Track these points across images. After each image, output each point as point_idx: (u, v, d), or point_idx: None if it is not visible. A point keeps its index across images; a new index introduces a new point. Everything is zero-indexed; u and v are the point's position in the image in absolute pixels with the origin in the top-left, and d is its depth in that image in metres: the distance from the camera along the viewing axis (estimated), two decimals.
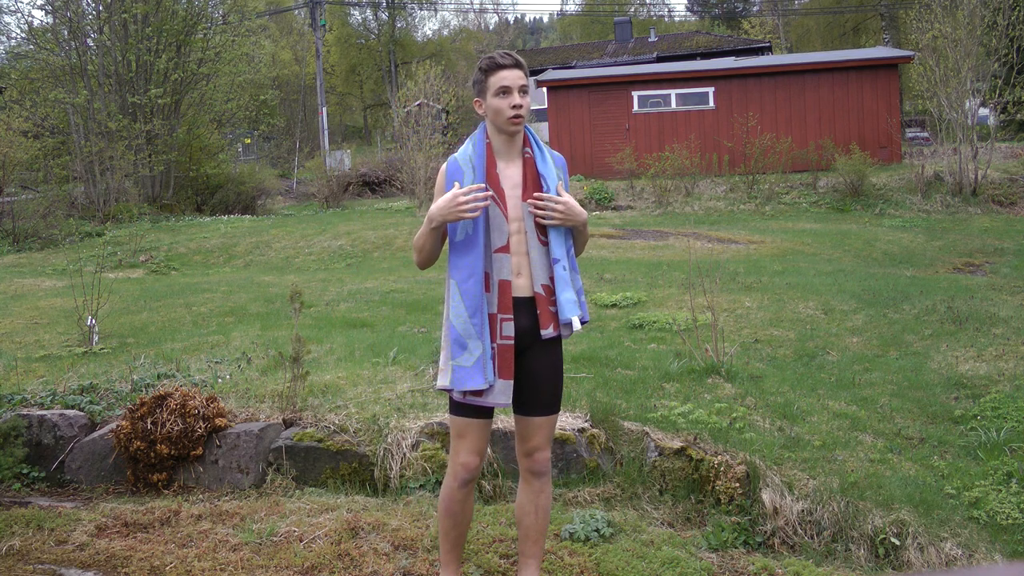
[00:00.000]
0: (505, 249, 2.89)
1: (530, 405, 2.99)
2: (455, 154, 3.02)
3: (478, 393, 2.87)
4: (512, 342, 2.89)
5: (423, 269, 3.07)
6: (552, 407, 3.01)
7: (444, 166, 2.99)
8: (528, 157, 2.97)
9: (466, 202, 2.82)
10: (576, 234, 3.02)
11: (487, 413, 2.96)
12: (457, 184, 2.89)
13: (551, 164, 2.97)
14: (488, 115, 2.95)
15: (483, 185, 2.87)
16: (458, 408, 2.95)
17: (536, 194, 2.91)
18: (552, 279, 2.91)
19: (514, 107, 2.88)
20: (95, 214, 17.58)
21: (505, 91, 2.89)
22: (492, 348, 2.87)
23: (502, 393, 2.88)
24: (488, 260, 2.89)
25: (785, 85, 20.03)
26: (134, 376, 5.41)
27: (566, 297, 2.89)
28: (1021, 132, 23.54)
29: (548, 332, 2.91)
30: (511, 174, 2.95)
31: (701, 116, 20.33)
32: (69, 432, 4.73)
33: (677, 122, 20.41)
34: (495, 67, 2.92)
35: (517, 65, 2.93)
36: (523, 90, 2.92)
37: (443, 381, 2.92)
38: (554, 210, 2.88)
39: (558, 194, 2.92)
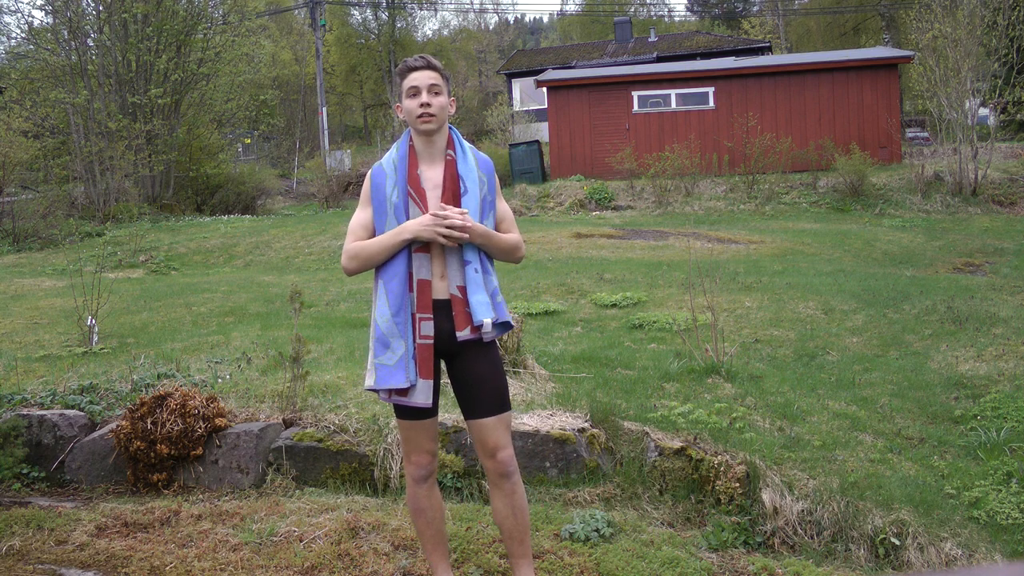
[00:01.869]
0: (425, 249, 2.92)
1: (478, 408, 2.99)
2: (381, 159, 3.08)
3: (403, 392, 2.90)
4: (431, 342, 2.91)
5: (352, 275, 3.08)
6: (500, 406, 2.99)
7: (370, 171, 3.06)
8: (450, 159, 2.99)
9: (452, 225, 2.83)
10: (487, 248, 2.97)
11: (429, 414, 2.99)
12: (394, 186, 2.94)
13: (473, 165, 2.99)
14: (405, 117, 3.01)
15: (465, 211, 2.89)
16: (399, 411, 3.01)
17: (439, 204, 2.90)
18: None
19: (421, 106, 2.93)
20: (95, 214, 17.58)
21: (414, 92, 2.95)
22: (413, 347, 2.90)
23: (422, 392, 2.90)
24: (410, 260, 2.92)
25: (785, 85, 20.03)
26: (134, 376, 5.41)
27: (477, 299, 2.90)
28: (1021, 132, 23.54)
29: (464, 334, 2.91)
30: (432, 175, 2.99)
31: (701, 116, 20.33)
32: (69, 432, 4.73)
33: (677, 122, 20.41)
34: (406, 70, 2.99)
35: (428, 67, 2.98)
36: (433, 90, 2.95)
37: (369, 381, 2.96)
38: (469, 229, 2.86)
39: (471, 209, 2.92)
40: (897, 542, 3.67)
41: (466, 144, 3.06)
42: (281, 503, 4.11)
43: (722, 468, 4.07)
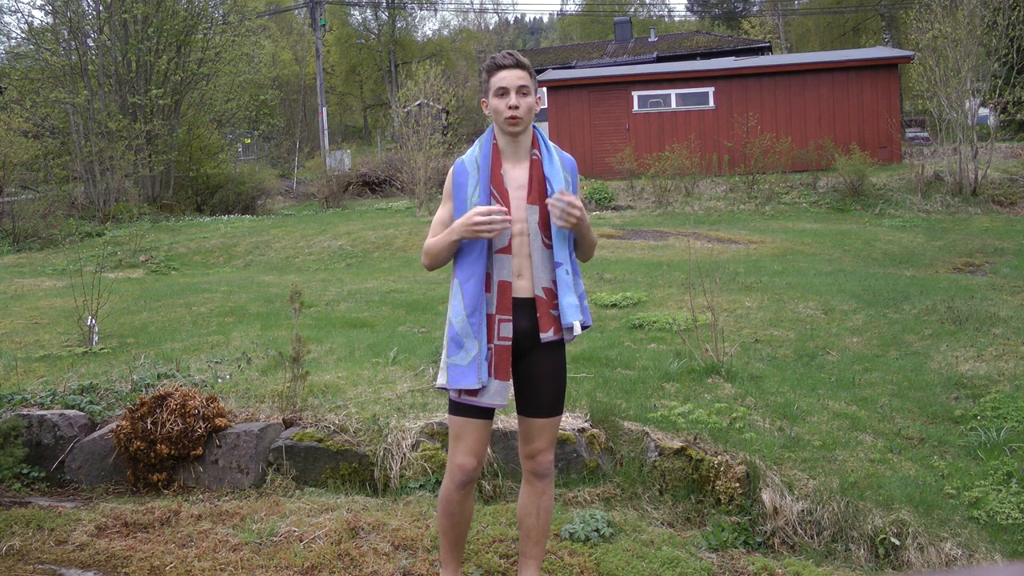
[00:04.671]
0: (507, 250, 2.89)
1: (532, 407, 2.98)
2: (463, 156, 3.03)
3: (473, 393, 2.86)
4: (509, 343, 2.88)
5: (431, 271, 3.09)
6: (554, 409, 2.99)
7: (452, 168, 3.01)
8: (535, 159, 2.96)
9: (481, 223, 2.80)
10: (580, 239, 2.99)
11: (486, 414, 2.95)
12: (464, 187, 2.91)
13: (558, 166, 2.95)
14: (492, 116, 2.96)
15: (504, 209, 2.86)
16: (456, 408, 2.94)
17: (561, 195, 2.86)
18: (555, 282, 2.90)
19: (510, 107, 2.88)
20: (95, 214, 17.58)
21: (503, 92, 2.90)
22: (489, 348, 2.86)
23: (498, 394, 2.87)
24: (490, 261, 2.89)
25: (785, 85, 20.03)
26: (134, 376, 5.41)
27: (568, 301, 2.88)
28: (1021, 132, 23.54)
29: (548, 336, 2.89)
30: (516, 175, 2.94)
31: (701, 116, 20.33)
32: (69, 432, 4.73)
33: (677, 122, 20.41)
34: (495, 68, 2.93)
35: (518, 65, 2.91)
36: (522, 91, 2.90)
37: (441, 379, 2.93)
38: (571, 215, 2.84)
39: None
40: (897, 542, 3.66)
41: (551, 143, 3.02)
42: (281, 503, 4.11)
43: (722, 468, 4.07)
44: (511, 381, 2.91)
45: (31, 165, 18.41)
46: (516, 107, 2.88)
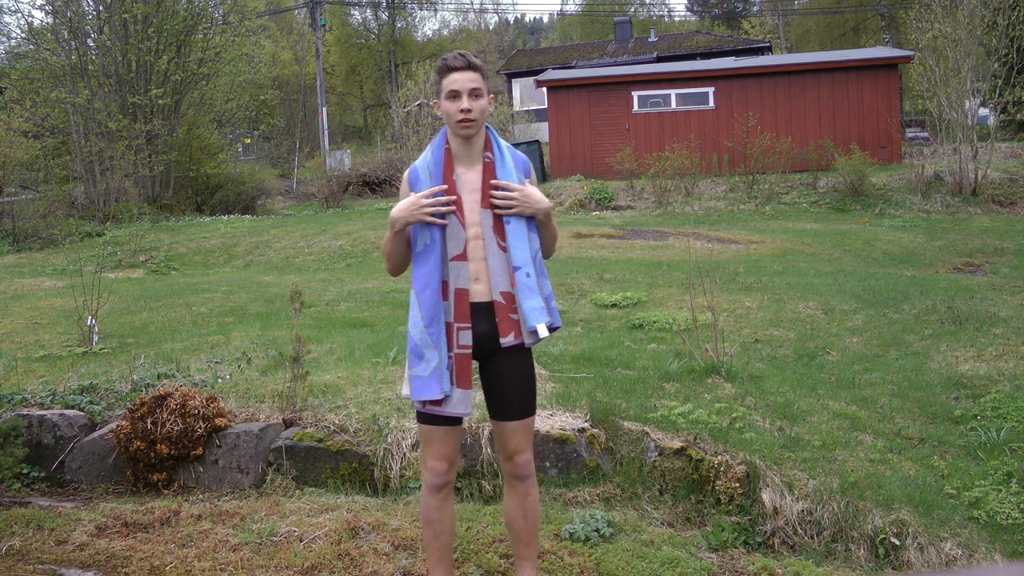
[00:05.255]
0: (462, 257, 2.86)
1: (503, 410, 2.96)
2: (416, 161, 3.00)
3: (437, 403, 2.85)
4: (469, 351, 2.86)
5: (395, 276, 3.07)
6: (524, 411, 2.96)
7: (406, 174, 2.99)
8: (488, 162, 2.91)
9: (428, 204, 2.82)
10: (541, 229, 2.95)
11: (453, 420, 2.93)
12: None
13: (511, 167, 2.91)
14: (444, 118, 2.92)
15: (444, 187, 2.85)
16: (422, 415, 2.94)
17: (493, 181, 2.86)
18: (514, 286, 2.85)
19: (462, 111, 2.83)
20: (95, 214, 17.58)
21: (454, 95, 2.85)
22: (449, 357, 2.84)
23: (461, 403, 2.85)
24: (445, 269, 2.86)
25: (785, 85, 20.03)
26: (134, 376, 5.41)
27: (530, 305, 2.83)
28: (1021, 132, 23.54)
29: (508, 340, 2.85)
30: (470, 179, 2.91)
31: (701, 116, 20.33)
32: (69, 432, 4.73)
33: (677, 122, 20.41)
34: (446, 70, 2.88)
35: (469, 67, 2.86)
36: (474, 93, 2.84)
37: (404, 391, 2.92)
38: (510, 197, 2.84)
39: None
40: (897, 542, 3.67)
41: (503, 144, 2.98)
42: (281, 503, 4.11)
43: (722, 468, 4.07)
44: (472, 389, 2.88)
45: (31, 165, 18.41)
46: (468, 110, 2.83)
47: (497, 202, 2.86)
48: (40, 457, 4.70)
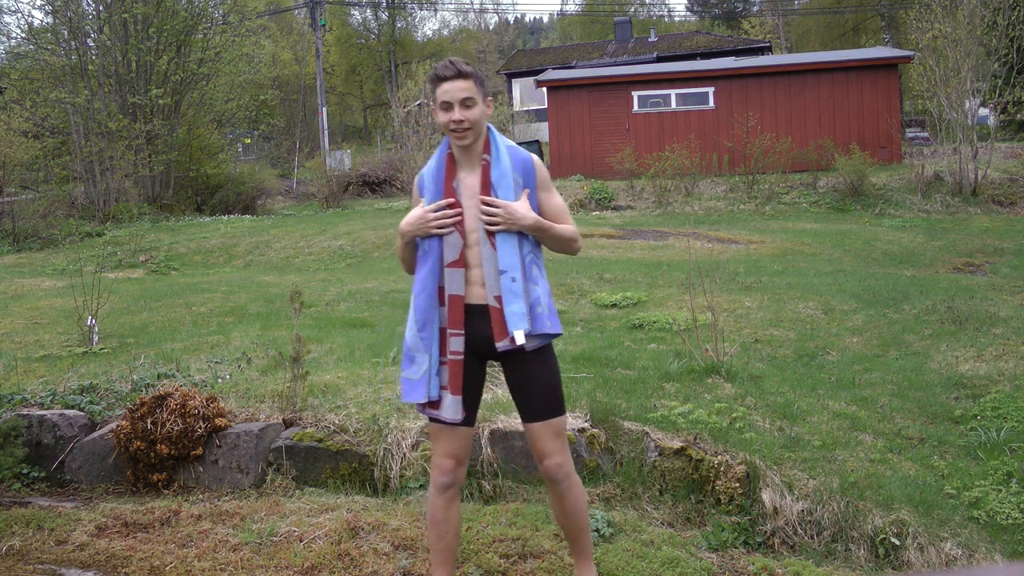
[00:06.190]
0: (458, 263, 2.86)
1: (526, 412, 2.98)
2: (423, 168, 3.02)
3: (434, 406, 2.88)
4: (461, 358, 2.86)
5: (413, 274, 3.10)
6: (549, 413, 2.95)
7: (415, 180, 3.02)
8: (484, 164, 2.91)
9: (435, 219, 2.85)
10: (540, 236, 2.93)
11: (462, 421, 2.94)
12: (423, 200, 2.94)
13: (507, 168, 2.89)
14: (441, 127, 2.93)
15: (452, 201, 2.87)
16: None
17: (481, 197, 2.87)
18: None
19: (453, 122, 2.83)
20: (95, 214, 17.58)
21: (446, 106, 2.84)
22: (442, 363, 2.86)
23: (450, 408, 2.86)
24: (441, 274, 2.88)
25: (785, 85, 20.03)
26: (134, 376, 5.41)
27: (511, 310, 2.82)
28: (1021, 132, 23.54)
29: (503, 345, 2.84)
30: (471, 183, 2.91)
31: (701, 116, 20.33)
32: (69, 432, 4.73)
33: (677, 122, 20.41)
34: (436, 80, 2.86)
35: (459, 76, 2.83)
36: (466, 103, 2.82)
37: (398, 391, 2.95)
38: (493, 214, 2.84)
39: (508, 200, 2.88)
40: (897, 542, 3.66)
41: (502, 144, 2.95)
42: (281, 503, 4.10)
43: (722, 468, 4.06)
44: (461, 396, 2.88)
45: (31, 165, 18.41)
46: (460, 121, 2.82)
47: (483, 218, 2.86)
48: (40, 457, 4.70)
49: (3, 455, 4.52)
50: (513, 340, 2.82)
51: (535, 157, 3.01)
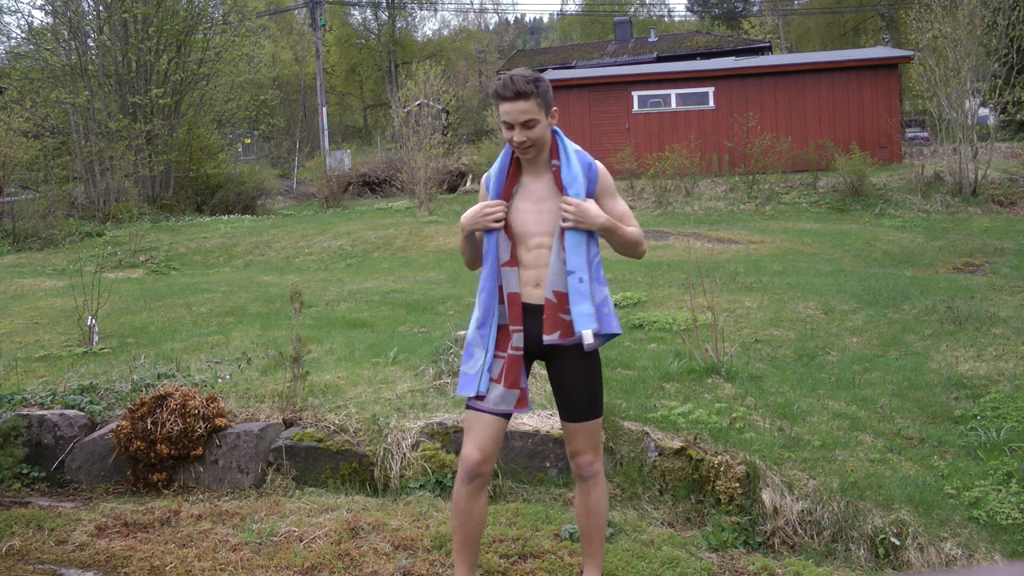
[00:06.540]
0: (510, 263, 2.94)
1: (565, 411, 3.04)
2: (490, 168, 3.10)
3: (480, 398, 2.96)
4: (521, 353, 2.94)
5: (472, 270, 3.19)
6: (586, 414, 3.02)
7: (483, 180, 3.10)
8: (555, 168, 2.96)
9: (490, 213, 2.92)
10: (608, 237, 2.99)
11: (496, 412, 2.99)
12: (489, 198, 3.02)
13: (576, 171, 2.94)
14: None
15: (502, 202, 2.94)
16: (470, 398, 3.05)
17: (563, 197, 2.92)
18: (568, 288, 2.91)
19: (516, 141, 2.89)
20: (95, 214, 17.58)
21: (507, 124, 2.90)
22: (500, 358, 2.94)
23: (503, 400, 2.93)
24: (499, 274, 2.96)
25: (785, 85, 20.03)
26: (134, 376, 5.41)
27: (579, 310, 2.88)
28: (1021, 132, 23.54)
29: (552, 338, 2.89)
30: (536, 188, 2.97)
31: (701, 116, 20.33)
32: (69, 432, 4.73)
33: (677, 122, 20.41)
34: (496, 97, 2.90)
35: (518, 96, 2.84)
36: (527, 125, 2.86)
37: (457, 391, 3.07)
38: (568, 211, 2.89)
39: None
40: (897, 542, 3.66)
41: (570, 148, 3.00)
42: (281, 503, 4.11)
43: (722, 468, 4.07)
44: (517, 390, 2.95)
45: (31, 165, 18.41)
46: (523, 141, 2.89)
47: (563, 213, 2.91)
48: (40, 457, 4.70)
49: (3, 455, 4.52)
50: (568, 335, 2.87)
51: (599, 164, 3.07)
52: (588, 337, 2.86)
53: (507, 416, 3.01)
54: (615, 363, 5.58)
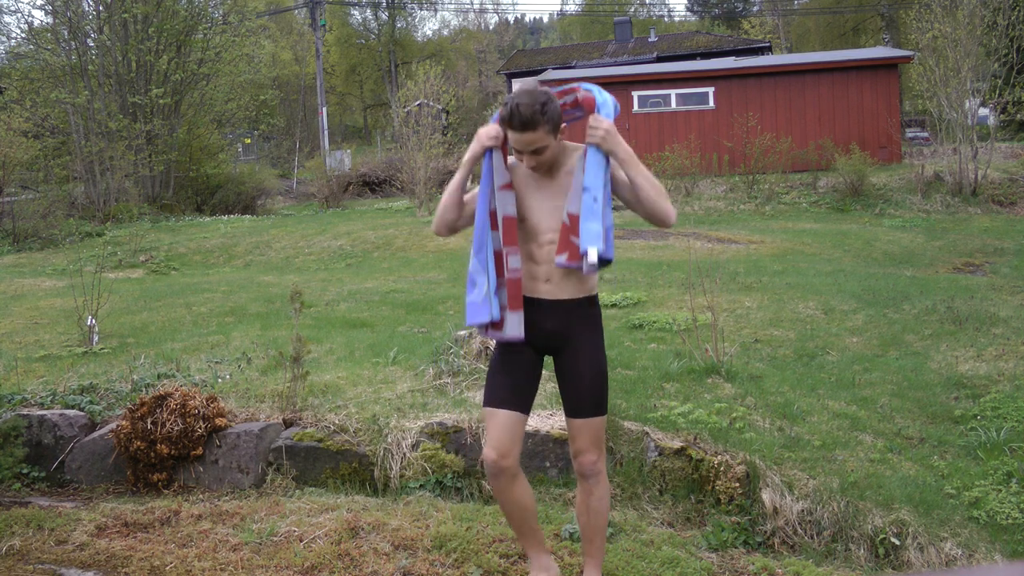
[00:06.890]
0: (508, 187, 2.95)
1: (571, 408, 3.05)
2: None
3: (497, 327, 2.94)
4: (519, 275, 2.94)
5: (441, 235, 3.15)
6: (591, 411, 3.02)
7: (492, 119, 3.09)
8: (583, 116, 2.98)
9: (497, 135, 2.92)
10: (634, 173, 2.87)
11: (510, 405, 2.97)
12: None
13: (610, 110, 2.95)
14: None
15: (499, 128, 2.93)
16: (485, 396, 3.04)
17: (593, 115, 2.92)
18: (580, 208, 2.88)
19: (528, 166, 2.92)
20: (95, 214, 17.58)
21: (517, 151, 2.90)
22: (500, 282, 2.93)
23: (515, 326, 2.92)
24: (493, 197, 2.95)
25: (785, 85, 20.03)
26: (134, 376, 5.41)
27: (588, 227, 2.83)
28: (1021, 132, 23.54)
29: (561, 260, 2.87)
30: (554, 185, 2.98)
31: (701, 116, 20.33)
32: (69, 432, 4.73)
33: (677, 122, 20.41)
34: (505, 124, 2.86)
35: (525, 128, 2.79)
36: (537, 151, 2.86)
37: (466, 321, 3.04)
38: (595, 129, 2.87)
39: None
40: (897, 542, 3.66)
41: (605, 100, 2.98)
42: (281, 503, 4.11)
43: (722, 468, 4.07)
44: (522, 312, 2.93)
45: (31, 165, 18.42)
46: (534, 166, 2.91)
47: (588, 131, 2.89)
48: (40, 457, 4.70)
49: (3, 455, 4.52)
50: (586, 256, 2.82)
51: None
52: (592, 255, 2.82)
53: (523, 411, 3.01)
54: (615, 363, 5.58)
